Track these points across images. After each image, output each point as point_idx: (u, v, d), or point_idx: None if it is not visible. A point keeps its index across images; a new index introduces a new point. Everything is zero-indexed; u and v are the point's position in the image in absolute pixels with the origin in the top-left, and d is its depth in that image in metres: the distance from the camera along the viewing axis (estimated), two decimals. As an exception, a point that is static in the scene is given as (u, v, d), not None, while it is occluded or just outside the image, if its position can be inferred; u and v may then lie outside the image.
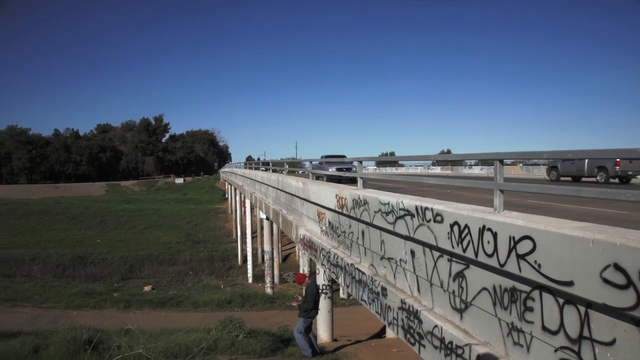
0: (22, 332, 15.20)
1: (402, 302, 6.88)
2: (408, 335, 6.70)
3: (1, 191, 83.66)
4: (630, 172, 20.50)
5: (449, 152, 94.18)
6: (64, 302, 26.72)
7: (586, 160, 21.44)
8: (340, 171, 16.64)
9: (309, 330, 12.30)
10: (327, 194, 11.46)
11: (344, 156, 25.06)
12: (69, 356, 9.35)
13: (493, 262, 4.73)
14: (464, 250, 5.28)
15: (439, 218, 5.87)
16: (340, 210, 10.26)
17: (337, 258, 10.48)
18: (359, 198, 8.87)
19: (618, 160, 19.45)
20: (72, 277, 37.08)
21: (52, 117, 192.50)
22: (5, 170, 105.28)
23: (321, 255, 12.04)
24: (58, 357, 9.29)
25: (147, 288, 32.17)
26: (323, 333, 14.24)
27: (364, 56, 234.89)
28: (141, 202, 72.17)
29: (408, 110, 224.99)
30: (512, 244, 4.43)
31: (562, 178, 23.62)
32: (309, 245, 13.46)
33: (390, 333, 14.90)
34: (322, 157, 24.42)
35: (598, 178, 21.18)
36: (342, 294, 24.94)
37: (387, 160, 62.49)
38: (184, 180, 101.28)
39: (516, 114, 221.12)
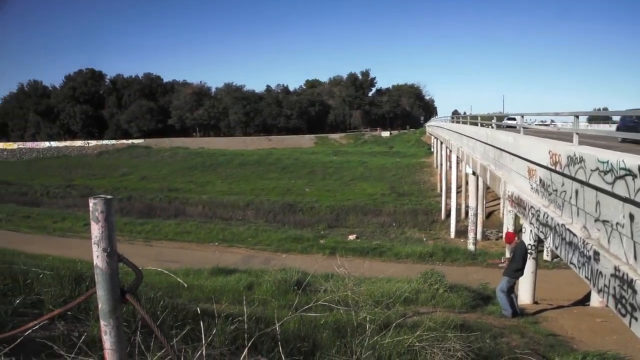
0: (237, 269, 17.46)
1: (616, 269, 6.63)
2: (619, 306, 6.48)
3: (220, 143, 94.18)
4: None
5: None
6: (274, 245, 29.95)
7: None
8: None
9: (511, 290, 12.26)
10: (538, 149, 11.17)
11: None
12: (279, 294, 10.26)
13: None
14: (690, 217, 4.96)
15: (664, 179, 5.54)
16: (552, 167, 9.96)
17: (546, 217, 10.24)
18: (574, 155, 8.54)
19: None
20: (282, 222, 41.27)
21: (264, 74, 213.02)
22: (223, 124, 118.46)
23: (530, 214, 11.82)
24: (269, 294, 10.13)
25: (351, 237, 34.28)
26: (524, 294, 14.02)
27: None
28: (348, 155, 75.25)
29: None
30: None
31: None
32: (517, 202, 13.25)
33: (594, 302, 14.08)
34: None
35: None
36: (545, 256, 23.83)
37: (600, 116, 57.34)
38: (390, 133, 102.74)
39: None
